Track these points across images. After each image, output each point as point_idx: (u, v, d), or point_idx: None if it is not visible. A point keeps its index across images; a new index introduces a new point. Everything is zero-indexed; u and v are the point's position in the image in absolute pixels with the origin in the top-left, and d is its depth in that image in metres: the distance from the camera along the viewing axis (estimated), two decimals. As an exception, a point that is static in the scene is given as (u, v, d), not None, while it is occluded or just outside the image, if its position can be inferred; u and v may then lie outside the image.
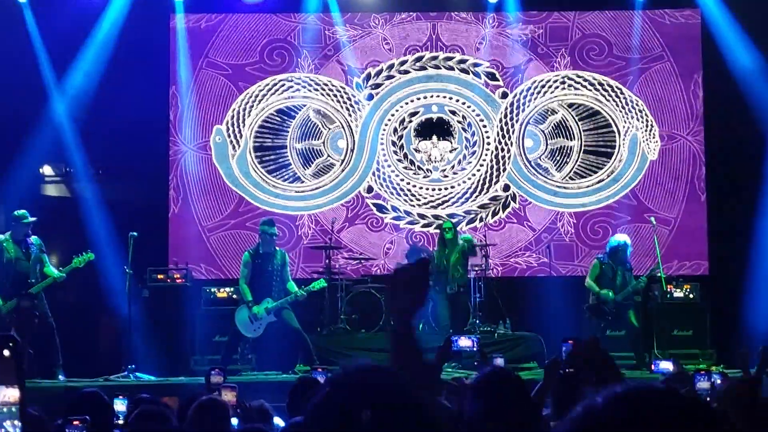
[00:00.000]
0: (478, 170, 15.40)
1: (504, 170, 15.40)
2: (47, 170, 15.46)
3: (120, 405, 5.64)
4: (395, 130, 15.47)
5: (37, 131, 14.51)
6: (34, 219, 12.23)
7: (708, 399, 4.94)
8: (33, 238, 12.26)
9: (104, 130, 14.67)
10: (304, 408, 4.95)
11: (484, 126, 15.44)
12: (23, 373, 3.84)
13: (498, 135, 15.43)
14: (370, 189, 15.39)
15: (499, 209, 15.35)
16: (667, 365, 7.38)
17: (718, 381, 5.26)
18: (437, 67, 15.54)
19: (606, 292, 12.71)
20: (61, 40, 14.59)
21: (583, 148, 15.38)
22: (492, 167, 15.40)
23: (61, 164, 15.31)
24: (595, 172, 15.32)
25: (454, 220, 14.22)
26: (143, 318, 13.25)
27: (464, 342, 5.16)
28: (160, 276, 13.73)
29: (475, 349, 5.17)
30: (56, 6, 14.57)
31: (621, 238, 13.15)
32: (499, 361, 5.98)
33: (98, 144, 14.76)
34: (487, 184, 15.38)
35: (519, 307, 14.13)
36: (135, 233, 12.51)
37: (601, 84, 15.39)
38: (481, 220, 15.25)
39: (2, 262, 12.08)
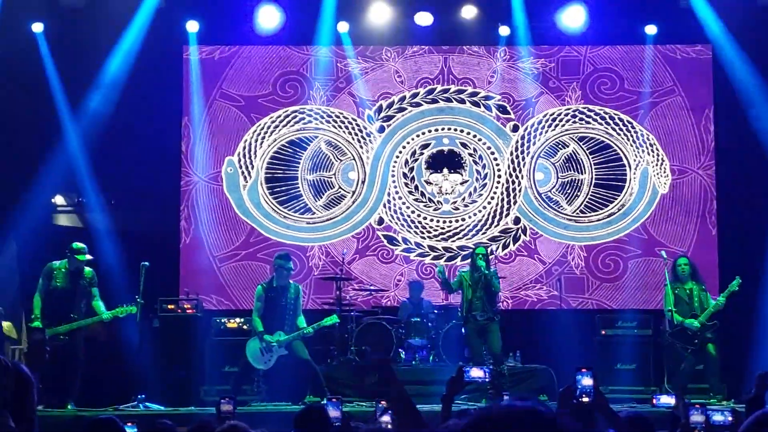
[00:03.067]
0: (489, 203, 15.43)
1: (515, 203, 15.42)
2: (59, 200, 15.52)
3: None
4: (406, 162, 15.51)
5: (49, 161, 14.57)
6: (88, 258, 12.26)
7: None
8: (86, 271, 12.30)
9: (116, 160, 14.74)
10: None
11: (495, 159, 15.48)
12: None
13: (509, 168, 15.46)
14: (380, 221, 15.41)
15: (509, 242, 15.35)
16: (668, 400, 7.32)
17: (730, 417, 5.24)
18: (449, 99, 15.59)
19: (690, 321, 12.48)
20: (76, 71, 14.68)
21: (593, 181, 15.39)
22: (503, 200, 15.42)
23: (74, 194, 15.37)
24: (606, 206, 15.33)
25: (486, 246, 14.08)
26: (154, 348, 13.25)
27: (476, 372, 5.13)
28: (170, 306, 13.74)
29: (487, 379, 5.13)
30: (71, 36, 14.66)
31: (679, 256, 13.06)
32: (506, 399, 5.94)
33: (111, 174, 14.82)
34: (497, 217, 15.39)
35: (529, 340, 14.10)
36: (146, 263, 12.53)
37: (612, 118, 15.42)
38: (491, 252, 15.23)
39: (48, 288, 12.14)
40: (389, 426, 5.28)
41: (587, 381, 4.52)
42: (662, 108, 15.41)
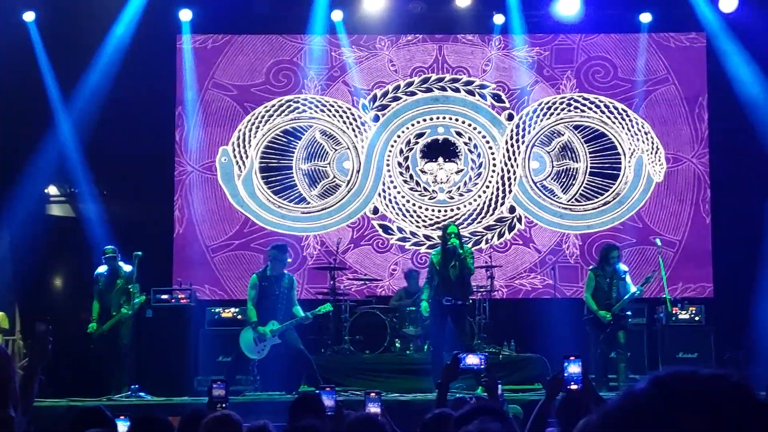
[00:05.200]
0: (484, 192, 15.40)
1: (510, 192, 15.39)
2: (52, 190, 15.47)
3: (122, 426, 5.52)
4: (401, 151, 15.48)
5: (42, 151, 14.52)
6: (110, 255, 12.66)
7: None
8: (122, 271, 12.61)
9: (110, 150, 14.68)
10: (304, 424, 4.92)
11: (490, 148, 15.45)
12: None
13: (504, 157, 15.43)
14: (375, 210, 15.38)
15: (504, 231, 15.33)
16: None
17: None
18: (443, 88, 15.55)
19: (604, 313, 12.48)
20: (67, 60, 14.62)
21: (588, 169, 15.38)
22: (498, 189, 15.39)
23: (66, 184, 15.32)
24: (601, 194, 15.31)
25: (458, 222, 13.98)
26: (147, 338, 13.22)
27: (472, 359, 5.09)
28: (164, 296, 13.68)
29: (482, 366, 5.08)
30: (62, 26, 14.60)
31: (612, 247, 13.02)
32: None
33: (103, 164, 14.77)
34: (492, 206, 15.37)
35: (524, 328, 14.07)
36: (140, 253, 12.51)
37: (606, 106, 15.40)
38: (486, 241, 15.23)
39: (96, 292, 12.69)
40: (379, 415, 5.26)
41: (574, 368, 4.47)
42: (656, 96, 15.38)
